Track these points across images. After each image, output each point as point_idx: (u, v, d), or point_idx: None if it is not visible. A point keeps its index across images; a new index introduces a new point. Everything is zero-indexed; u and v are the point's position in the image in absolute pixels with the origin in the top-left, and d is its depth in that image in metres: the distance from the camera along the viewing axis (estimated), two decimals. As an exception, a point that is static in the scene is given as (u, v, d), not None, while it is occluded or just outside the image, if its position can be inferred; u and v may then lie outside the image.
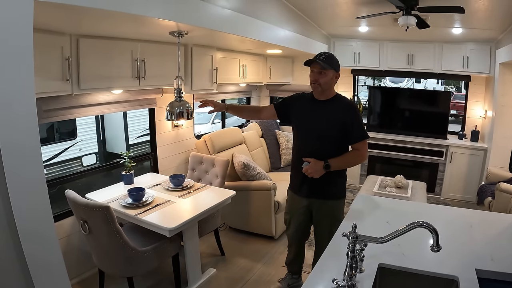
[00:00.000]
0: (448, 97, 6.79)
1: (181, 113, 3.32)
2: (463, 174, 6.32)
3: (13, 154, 1.78)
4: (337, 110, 2.94)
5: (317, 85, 2.90)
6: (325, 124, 2.93)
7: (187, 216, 3.18)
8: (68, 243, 3.57)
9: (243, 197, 4.44)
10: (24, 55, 1.78)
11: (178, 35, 3.22)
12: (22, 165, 1.83)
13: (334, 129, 2.91)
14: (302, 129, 3.07)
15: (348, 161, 3.06)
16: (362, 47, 6.72)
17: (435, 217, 2.68)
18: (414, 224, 1.62)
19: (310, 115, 3.01)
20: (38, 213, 1.94)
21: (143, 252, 3.08)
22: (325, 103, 2.98)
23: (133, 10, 2.37)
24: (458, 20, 5.04)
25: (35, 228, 1.92)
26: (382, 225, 2.47)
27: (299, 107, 3.09)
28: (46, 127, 6.84)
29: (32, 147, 1.88)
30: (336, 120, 2.91)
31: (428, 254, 2.02)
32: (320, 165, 2.86)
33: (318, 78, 2.88)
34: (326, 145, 2.94)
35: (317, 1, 4.77)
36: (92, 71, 3.23)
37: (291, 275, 3.61)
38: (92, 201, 2.98)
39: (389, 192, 4.86)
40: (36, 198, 1.92)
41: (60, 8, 2.10)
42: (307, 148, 3.00)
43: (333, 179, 3.04)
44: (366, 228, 2.18)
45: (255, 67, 5.82)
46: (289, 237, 3.47)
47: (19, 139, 1.81)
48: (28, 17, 1.76)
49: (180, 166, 5.00)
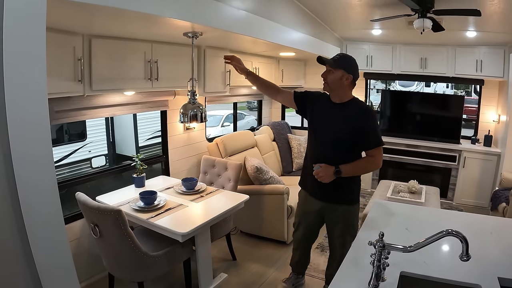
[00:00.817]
0: (461, 101, 6.68)
1: (194, 115, 3.27)
2: (476, 179, 6.23)
3: (24, 156, 1.72)
4: (352, 114, 2.84)
5: (325, 83, 2.86)
6: (339, 128, 2.85)
7: (200, 220, 3.12)
8: (77, 246, 3.54)
9: (255, 201, 4.37)
10: (37, 54, 1.73)
11: (192, 36, 3.16)
12: (33, 168, 1.77)
13: (347, 133, 2.83)
14: (316, 131, 3.00)
15: (361, 167, 2.98)
16: (374, 50, 6.65)
17: (454, 223, 2.63)
18: (443, 232, 1.56)
19: (325, 118, 2.94)
20: (49, 216, 1.89)
21: (155, 257, 3.03)
22: (340, 106, 2.89)
23: (147, 9, 2.31)
24: (472, 23, 4.97)
25: (45, 232, 1.86)
26: (401, 232, 2.42)
27: (317, 106, 3.02)
28: (56, 128, 6.86)
29: (43, 149, 1.82)
30: (350, 124, 2.82)
31: (449, 262, 1.98)
32: (330, 170, 2.79)
33: (326, 76, 2.84)
34: (339, 149, 2.86)
35: (330, 3, 4.71)
36: (104, 72, 3.19)
37: (296, 275, 3.59)
38: (103, 204, 2.92)
39: (403, 198, 4.78)
40: (47, 201, 1.87)
41: (72, 6, 2.05)
42: (320, 151, 2.95)
43: (347, 184, 2.97)
44: (386, 235, 2.11)
45: (267, 70, 5.77)
46: (296, 239, 3.42)
47: (30, 140, 1.75)
48: (41, 14, 1.71)
49: (191, 169, 4.96)
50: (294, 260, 3.53)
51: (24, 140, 1.72)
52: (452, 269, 1.91)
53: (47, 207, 1.86)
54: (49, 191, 1.87)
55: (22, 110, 1.69)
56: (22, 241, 1.77)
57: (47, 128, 1.83)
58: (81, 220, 3.53)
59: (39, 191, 1.81)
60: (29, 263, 1.81)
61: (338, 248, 3.12)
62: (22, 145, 1.71)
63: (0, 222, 1.70)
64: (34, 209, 1.78)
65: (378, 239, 1.66)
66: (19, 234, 1.76)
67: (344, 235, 3.05)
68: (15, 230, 1.75)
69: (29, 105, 1.72)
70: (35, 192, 1.79)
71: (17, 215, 1.73)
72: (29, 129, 1.74)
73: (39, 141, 1.80)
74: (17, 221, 1.74)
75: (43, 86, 1.78)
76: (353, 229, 3.08)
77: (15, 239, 1.75)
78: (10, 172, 1.68)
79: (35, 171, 1.78)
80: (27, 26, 1.67)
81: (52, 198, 1.88)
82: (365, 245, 2.12)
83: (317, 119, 2.99)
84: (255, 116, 12.42)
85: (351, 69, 2.86)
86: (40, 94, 1.77)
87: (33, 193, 1.78)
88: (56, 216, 1.92)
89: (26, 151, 1.73)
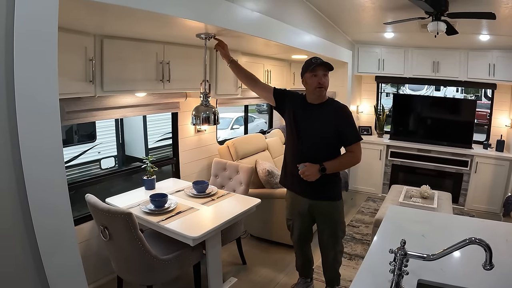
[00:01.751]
0: (473, 105, 6.58)
1: (207, 118, 3.23)
2: (488, 184, 6.16)
3: (34, 155, 1.70)
4: (330, 113, 3.00)
5: (322, 88, 2.96)
6: (320, 127, 2.99)
7: (212, 224, 3.08)
8: (86, 248, 3.51)
9: (266, 205, 4.30)
10: (48, 53, 1.71)
11: (206, 37, 3.13)
12: (43, 167, 1.75)
13: (328, 132, 2.97)
14: (300, 131, 3.06)
15: (343, 163, 3.13)
16: (386, 54, 6.61)
17: (469, 230, 2.63)
18: (466, 241, 1.50)
19: (307, 118, 3.04)
20: (58, 218, 1.86)
21: (165, 261, 3.00)
22: (318, 107, 3.03)
23: (161, 10, 2.28)
24: (486, 27, 4.91)
25: (54, 232, 1.83)
26: (418, 239, 2.38)
27: (295, 107, 3.11)
28: (66, 129, 6.87)
29: (54, 149, 1.79)
30: (330, 123, 2.97)
31: (466, 269, 1.94)
32: (316, 168, 2.91)
33: (324, 81, 2.95)
34: (322, 147, 3.00)
35: (343, 5, 4.67)
36: (116, 73, 3.17)
37: (304, 279, 3.61)
38: (113, 207, 2.90)
39: (415, 203, 4.72)
40: (56, 200, 1.84)
41: (85, 5, 2.04)
42: (303, 150, 3.03)
43: (332, 180, 3.10)
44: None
45: (279, 73, 5.74)
46: (294, 242, 3.47)
47: (41, 141, 1.73)
48: (53, 13, 1.69)
49: (202, 172, 4.93)
50: (299, 263, 3.56)
51: (34, 140, 1.70)
52: (469, 277, 1.88)
53: (56, 207, 1.84)
54: (59, 191, 1.85)
55: (33, 110, 1.67)
56: (30, 241, 1.75)
57: (58, 129, 1.81)
58: (90, 222, 3.50)
59: (48, 191, 1.79)
60: (37, 264, 1.78)
61: (331, 247, 3.22)
62: (33, 145, 1.69)
63: (8, 222, 1.69)
64: (43, 208, 1.76)
65: (399, 247, 1.61)
66: (28, 235, 1.73)
67: (336, 232, 3.19)
68: (24, 230, 1.73)
69: (40, 104, 1.70)
70: (44, 191, 1.77)
71: (25, 215, 1.71)
72: (40, 129, 1.72)
73: (50, 141, 1.77)
74: (25, 222, 1.72)
75: (54, 86, 1.75)
76: (343, 225, 3.25)
77: (23, 240, 1.73)
78: (19, 172, 1.66)
79: (44, 171, 1.76)
80: (39, 25, 1.66)
81: (61, 197, 1.86)
82: (381, 252, 2.09)
83: (299, 119, 3.07)
84: (264, 119, 12.42)
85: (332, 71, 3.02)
86: (51, 93, 1.75)
87: (43, 193, 1.76)
88: (65, 216, 1.89)
89: (36, 151, 1.71)
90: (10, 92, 1.59)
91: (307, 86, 3.03)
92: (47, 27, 1.68)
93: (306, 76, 3.00)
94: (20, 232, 1.72)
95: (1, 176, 1.63)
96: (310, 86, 2.98)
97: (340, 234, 3.21)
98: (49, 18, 1.69)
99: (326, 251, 3.27)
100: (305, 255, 3.49)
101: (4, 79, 1.57)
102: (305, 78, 3.02)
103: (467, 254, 2.11)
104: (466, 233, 2.56)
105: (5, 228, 1.67)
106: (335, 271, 3.32)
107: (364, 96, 7.51)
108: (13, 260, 1.72)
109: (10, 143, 1.63)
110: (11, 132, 1.62)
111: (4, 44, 1.56)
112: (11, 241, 1.70)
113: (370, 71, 6.84)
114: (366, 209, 6.14)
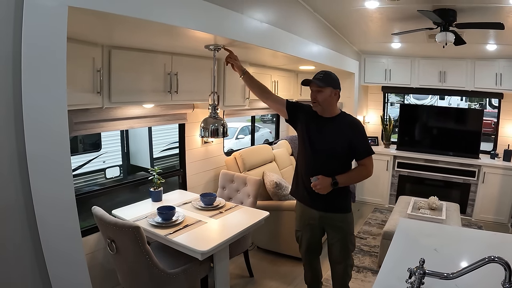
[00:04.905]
0: (480, 114, 6.54)
1: (215, 130, 3.20)
2: (495, 195, 6.10)
3: (42, 167, 1.69)
4: (342, 128, 2.98)
5: (315, 103, 2.97)
6: (332, 141, 2.96)
7: (220, 238, 3.03)
8: (92, 260, 3.46)
9: (273, 217, 4.24)
10: (57, 64, 1.71)
11: (214, 49, 3.11)
12: (51, 180, 1.73)
13: (340, 146, 2.95)
14: (313, 143, 3.03)
15: (355, 177, 3.12)
16: (393, 64, 6.60)
17: (482, 243, 2.60)
18: (486, 259, 1.47)
19: (320, 131, 3.01)
20: (65, 231, 1.84)
21: (173, 274, 2.95)
22: (331, 121, 3.01)
23: (171, 21, 2.28)
24: (493, 36, 4.89)
25: (61, 247, 1.81)
26: (431, 253, 2.32)
27: (308, 120, 3.09)
28: (71, 138, 6.85)
29: (62, 161, 1.78)
30: (343, 137, 2.95)
31: (481, 285, 1.87)
32: (328, 182, 2.87)
33: (316, 96, 2.94)
34: (335, 161, 2.97)
35: (350, 16, 4.66)
36: (124, 84, 3.15)
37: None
38: (121, 220, 2.85)
39: (424, 214, 4.67)
40: (64, 215, 1.82)
41: (94, 16, 2.02)
42: (316, 163, 3.00)
43: (344, 193, 3.07)
44: (414, 257, 2.05)
45: (286, 83, 5.73)
46: (303, 254, 3.40)
47: (49, 153, 1.72)
48: (62, 24, 1.69)
49: (209, 184, 4.89)
50: (308, 277, 3.49)
51: (42, 152, 1.69)
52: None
53: (63, 220, 1.82)
54: (67, 204, 1.83)
55: (42, 122, 1.67)
56: (37, 255, 1.73)
57: (66, 141, 1.80)
58: (96, 234, 3.47)
59: (56, 204, 1.78)
60: (43, 276, 1.76)
61: (341, 260, 3.18)
62: (40, 157, 1.68)
63: (15, 235, 1.67)
64: (50, 222, 1.74)
65: (418, 266, 1.58)
66: (34, 247, 1.72)
67: (347, 245, 3.14)
68: (30, 243, 1.71)
69: (48, 117, 1.70)
70: (51, 205, 1.75)
71: (31, 227, 1.69)
72: (48, 141, 1.71)
73: (58, 154, 1.76)
74: (32, 234, 1.71)
75: (63, 98, 1.74)
76: (353, 238, 3.22)
77: (29, 252, 1.71)
78: (26, 184, 1.65)
79: (52, 184, 1.74)
80: (47, 36, 1.65)
81: (69, 211, 1.84)
82: (395, 269, 2.05)
83: (312, 132, 3.04)
84: (269, 128, 12.40)
85: (337, 85, 2.99)
86: (60, 105, 1.74)
87: (50, 206, 1.74)
88: (73, 230, 1.87)
89: (44, 163, 1.70)
90: (18, 108, 1.58)
91: None
92: (56, 41, 1.68)
93: None
94: (26, 245, 1.70)
95: (9, 192, 1.61)
96: (311, 100, 3.02)
97: (350, 247, 3.17)
98: (58, 32, 1.68)
99: (336, 265, 3.22)
100: (314, 268, 3.43)
101: (11, 94, 1.57)
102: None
103: (483, 271, 2.06)
104: (479, 246, 2.56)
105: (14, 244, 1.65)
106: (345, 285, 3.27)
107: (370, 106, 7.50)
108: (20, 276, 1.70)
109: (17, 159, 1.62)
110: (18, 148, 1.62)
111: (12, 59, 1.55)
112: (19, 258, 1.68)
113: (376, 82, 6.83)
114: (373, 220, 6.09)
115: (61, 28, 1.69)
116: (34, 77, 1.61)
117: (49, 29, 1.65)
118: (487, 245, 2.53)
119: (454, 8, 3.89)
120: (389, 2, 3.85)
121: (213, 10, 2.62)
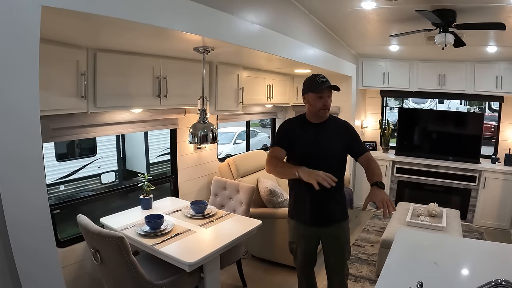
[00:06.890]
0: (481, 118, 6.45)
1: (205, 136, 3.10)
2: (496, 200, 6.00)
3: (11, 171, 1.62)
4: (336, 130, 2.96)
5: (326, 110, 2.88)
6: (333, 144, 2.92)
7: (209, 249, 2.92)
8: (79, 269, 3.36)
9: (267, 225, 4.15)
10: (30, 65, 1.63)
11: (204, 51, 3.02)
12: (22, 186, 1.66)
13: (341, 148, 2.94)
14: (307, 154, 2.89)
15: (379, 170, 2.92)
16: (391, 67, 6.50)
17: (482, 255, 2.49)
18: (492, 283, 1.35)
19: (314, 139, 2.91)
20: (39, 240, 1.76)
21: (160, 286, 2.83)
22: (323, 126, 2.95)
23: (158, 22, 2.20)
24: (493, 38, 4.80)
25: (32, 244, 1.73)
26: (430, 267, 2.22)
27: (298, 133, 2.96)
28: (67, 143, 6.82)
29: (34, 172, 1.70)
30: (338, 140, 2.93)
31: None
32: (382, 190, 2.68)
33: (329, 103, 2.87)
34: (336, 164, 2.92)
35: (347, 18, 4.56)
36: (110, 88, 3.06)
37: None
38: (104, 230, 2.73)
39: (423, 222, 4.56)
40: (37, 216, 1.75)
41: (75, 17, 1.93)
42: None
43: (340, 202, 3.03)
44: (414, 270, 1.94)
45: (281, 88, 5.64)
46: (298, 266, 3.27)
47: (20, 162, 1.65)
48: (35, 24, 1.62)
49: (201, 191, 4.78)
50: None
51: (14, 156, 1.62)
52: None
53: (37, 220, 1.75)
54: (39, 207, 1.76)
55: (14, 124, 1.60)
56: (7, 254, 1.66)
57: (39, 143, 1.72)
58: (84, 242, 3.34)
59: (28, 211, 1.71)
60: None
61: (338, 270, 3.09)
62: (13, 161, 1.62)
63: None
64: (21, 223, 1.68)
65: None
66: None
67: (343, 254, 3.06)
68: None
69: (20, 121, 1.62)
70: (23, 207, 1.69)
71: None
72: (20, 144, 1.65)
73: (30, 156, 1.69)
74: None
75: (35, 103, 1.65)
76: (349, 245, 3.14)
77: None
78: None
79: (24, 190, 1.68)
80: (20, 36, 1.58)
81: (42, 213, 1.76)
82: (392, 283, 1.94)
83: (306, 143, 2.92)
84: (267, 133, 12.30)
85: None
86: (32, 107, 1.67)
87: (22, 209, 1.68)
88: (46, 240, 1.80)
89: (16, 167, 1.64)
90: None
91: (310, 107, 2.90)
92: (29, 41, 1.61)
93: (310, 95, 2.86)
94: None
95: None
96: (314, 107, 2.86)
97: (346, 256, 3.08)
98: (31, 32, 1.61)
99: (333, 275, 3.12)
100: (309, 279, 3.32)
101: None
102: (308, 98, 2.88)
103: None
104: (479, 259, 2.45)
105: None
106: None
107: (368, 111, 7.40)
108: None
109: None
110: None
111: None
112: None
113: (374, 85, 6.73)
114: (371, 227, 5.97)
115: (34, 28, 1.62)
116: (5, 79, 1.55)
117: (22, 29, 1.58)
118: (489, 258, 2.42)
119: (454, 8, 3.80)
120: (386, 2, 3.75)
121: (200, 10, 2.54)
